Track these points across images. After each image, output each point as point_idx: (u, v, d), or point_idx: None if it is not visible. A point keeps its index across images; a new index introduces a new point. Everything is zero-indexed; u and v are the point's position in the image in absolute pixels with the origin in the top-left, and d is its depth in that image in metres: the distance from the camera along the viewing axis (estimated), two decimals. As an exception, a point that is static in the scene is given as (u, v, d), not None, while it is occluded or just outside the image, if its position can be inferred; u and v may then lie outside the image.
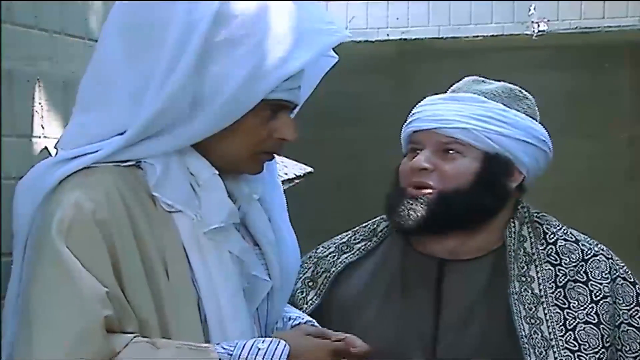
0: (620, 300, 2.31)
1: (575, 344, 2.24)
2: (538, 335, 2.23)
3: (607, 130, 6.30)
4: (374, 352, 2.15)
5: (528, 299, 2.26)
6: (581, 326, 2.25)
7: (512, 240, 2.31)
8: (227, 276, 1.94)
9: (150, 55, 1.89)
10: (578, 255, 2.32)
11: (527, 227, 2.35)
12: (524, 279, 2.28)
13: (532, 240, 2.33)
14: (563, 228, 2.38)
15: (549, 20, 6.07)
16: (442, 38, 6.32)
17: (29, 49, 2.83)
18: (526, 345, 2.21)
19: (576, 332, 2.25)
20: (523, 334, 2.22)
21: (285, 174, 3.27)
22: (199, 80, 1.88)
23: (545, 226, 2.36)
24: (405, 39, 6.36)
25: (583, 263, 2.31)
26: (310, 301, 2.37)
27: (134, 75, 1.91)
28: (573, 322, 2.26)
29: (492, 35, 6.21)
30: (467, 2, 6.21)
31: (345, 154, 6.48)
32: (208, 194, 1.94)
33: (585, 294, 2.28)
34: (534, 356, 2.20)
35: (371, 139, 6.47)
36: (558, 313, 2.26)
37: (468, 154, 2.28)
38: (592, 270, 2.31)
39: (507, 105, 2.32)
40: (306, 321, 2.19)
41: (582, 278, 2.30)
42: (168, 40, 1.87)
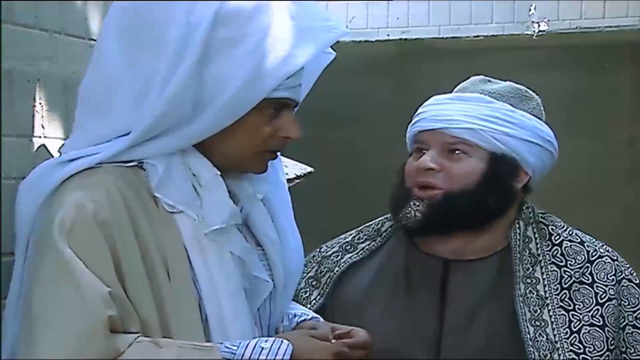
0: (625, 302, 2.30)
1: (580, 347, 2.23)
2: (543, 337, 2.22)
3: (607, 130, 6.30)
4: (377, 352, 2.15)
5: (533, 301, 2.25)
6: (586, 329, 2.25)
7: (517, 242, 2.31)
8: (228, 276, 1.94)
9: (151, 57, 1.90)
10: (583, 256, 2.32)
11: (532, 228, 2.34)
12: (529, 281, 2.27)
13: (538, 241, 2.33)
14: (568, 229, 2.38)
15: (549, 20, 6.07)
16: (443, 38, 6.32)
17: (29, 49, 2.83)
18: (531, 349, 2.20)
19: (581, 335, 2.24)
20: (528, 337, 2.21)
21: (286, 174, 3.28)
22: (200, 81, 1.88)
23: (550, 227, 2.36)
24: (405, 39, 6.36)
25: (588, 265, 2.31)
26: (314, 301, 2.36)
27: (135, 77, 1.91)
28: (578, 325, 2.25)
29: (493, 35, 6.21)
30: (468, 2, 6.21)
31: (345, 154, 6.48)
32: (209, 194, 1.94)
33: (590, 295, 2.28)
34: (539, 359, 2.19)
35: (371, 139, 6.46)
36: (563, 315, 2.25)
37: (474, 154, 2.28)
38: (598, 272, 2.30)
39: (514, 105, 2.32)
40: (312, 317, 2.19)
41: (588, 280, 2.29)
42: (169, 41, 1.87)
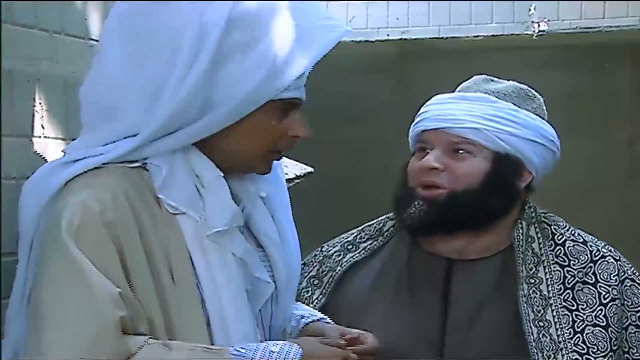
0: (628, 302, 2.30)
1: (584, 347, 2.23)
2: (546, 338, 2.22)
3: (607, 130, 6.30)
4: (380, 352, 2.15)
5: (536, 301, 2.25)
6: (590, 329, 2.25)
7: (520, 242, 2.31)
8: (230, 278, 1.94)
9: (162, 60, 1.90)
10: (587, 256, 2.32)
11: (535, 228, 2.34)
12: (532, 281, 2.27)
13: (541, 240, 2.33)
14: (570, 229, 2.38)
15: (549, 20, 6.07)
16: (443, 38, 6.32)
17: (29, 49, 2.83)
18: (534, 349, 2.20)
19: (585, 335, 2.24)
20: (531, 337, 2.21)
21: (286, 174, 3.28)
22: (212, 83, 1.89)
23: (553, 227, 2.35)
24: (405, 39, 6.36)
25: (592, 264, 2.31)
26: (316, 300, 2.36)
27: (144, 79, 1.91)
28: (581, 325, 2.25)
29: (493, 35, 6.21)
30: (467, 2, 6.21)
31: (345, 154, 6.48)
32: (212, 196, 1.94)
33: (594, 296, 2.28)
34: (542, 359, 2.19)
35: (371, 139, 6.46)
36: (567, 315, 2.25)
37: (478, 154, 2.28)
38: (601, 272, 2.30)
39: (517, 105, 2.31)
40: (319, 318, 2.19)
41: (591, 280, 2.29)
42: (183, 45, 1.88)
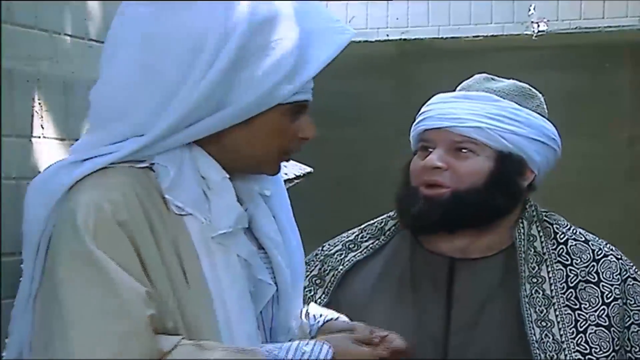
0: (631, 300, 2.30)
1: (587, 347, 2.23)
2: (549, 338, 2.22)
3: (607, 130, 6.30)
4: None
5: (539, 301, 2.25)
6: (592, 329, 2.25)
7: (522, 241, 2.31)
8: (235, 279, 1.94)
9: (179, 63, 1.90)
10: (589, 255, 2.32)
11: (537, 226, 2.34)
12: (534, 280, 2.27)
13: (543, 239, 2.33)
14: (572, 228, 2.38)
15: (548, 20, 6.07)
16: (442, 38, 6.32)
17: (29, 49, 2.83)
18: (537, 350, 2.20)
19: (587, 335, 2.24)
20: (534, 338, 2.21)
21: (285, 174, 3.27)
22: (227, 86, 1.90)
23: (555, 226, 2.35)
24: (405, 39, 6.36)
25: (594, 263, 2.31)
26: (319, 300, 2.36)
27: (158, 83, 1.92)
28: (584, 324, 2.25)
29: (492, 36, 6.22)
30: (467, 2, 6.21)
31: (345, 154, 6.48)
32: (218, 197, 1.95)
33: (596, 295, 2.28)
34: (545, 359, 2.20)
35: (371, 139, 6.47)
36: (569, 314, 2.25)
37: (481, 153, 2.28)
38: (604, 271, 2.30)
39: (519, 104, 2.32)
40: (337, 317, 2.18)
41: (594, 279, 2.29)
42: (203, 48, 1.89)
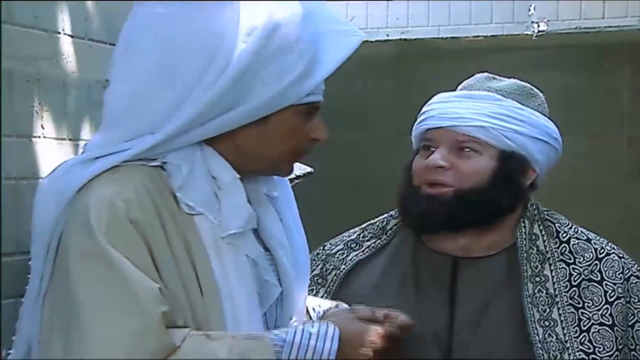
0: (635, 299, 2.30)
1: (590, 346, 2.23)
2: (552, 337, 2.22)
3: (607, 130, 6.30)
4: (391, 349, 2.18)
5: (542, 300, 2.25)
6: (596, 328, 2.25)
7: (524, 241, 2.31)
8: (244, 279, 1.96)
9: (196, 62, 1.92)
10: (591, 254, 2.32)
11: (538, 225, 2.34)
12: (537, 279, 2.27)
13: (545, 238, 2.33)
14: (573, 226, 2.38)
15: (548, 21, 6.07)
16: (442, 38, 6.32)
17: (29, 49, 2.83)
18: (540, 351, 2.21)
19: (591, 334, 2.24)
20: (537, 339, 2.21)
21: (285, 174, 3.27)
22: (243, 85, 1.92)
23: (557, 224, 2.36)
24: (405, 39, 6.36)
25: (597, 262, 2.31)
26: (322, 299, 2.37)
27: (175, 83, 1.93)
28: (587, 323, 2.25)
29: (492, 36, 6.21)
30: (467, 2, 6.21)
31: (345, 154, 6.48)
32: (228, 198, 1.96)
33: (599, 294, 2.28)
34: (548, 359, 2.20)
35: (371, 139, 6.47)
36: (572, 313, 2.25)
37: (484, 152, 2.28)
38: (607, 269, 2.30)
39: (520, 102, 2.32)
40: (337, 305, 2.21)
41: (597, 277, 2.29)
42: (221, 48, 1.90)
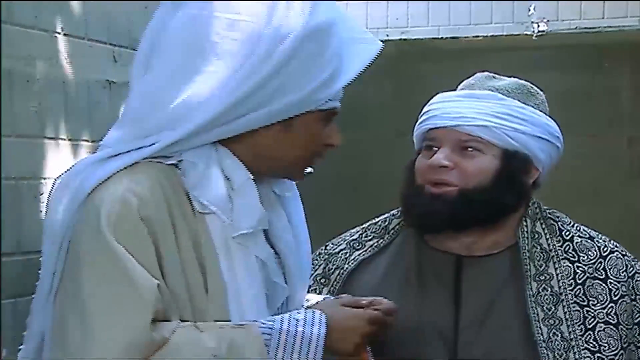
0: None
1: (596, 345, 2.23)
2: (557, 336, 2.22)
3: (607, 130, 6.30)
4: (394, 348, 2.18)
5: (547, 299, 2.25)
6: (601, 326, 2.25)
7: (526, 240, 2.31)
8: (253, 280, 1.97)
9: (230, 63, 1.94)
10: (595, 252, 2.32)
11: (541, 224, 2.34)
12: (542, 278, 2.28)
13: (548, 236, 2.33)
14: (575, 225, 2.38)
15: (548, 21, 6.07)
16: (442, 38, 6.32)
17: (29, 49, 2.83)
18: (544, 350, 2.20)
19: (596, 332, 2.24)
20: (541, 338, 2.21)
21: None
22: (272, 86, 1.94)
23: (559, 223, 2.36)
24: (404, 39, 6.36)
25: (601, 260, 2.31)
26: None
27: (202, 81, 1.95)
28: (593, 321, 2.25)
29: (492, 36, 6.21)
30: (467, 2, 6.21)
31: (345, 154, 6.44)
32: (241, 198, 1.97)
33: (604, 292, 2.28)
34: (553, 358, 2.20)
35: (370, 139, 6.47)
36: (578, 311, 2.25)
37: (487, 151, 2.28)
38: (611, 267, 2.30)
39: (522, 101, 2.32)
40: (324, 299, 2.22)
41: (601, 275, 2.29)
42: (256, 49, 1.93)
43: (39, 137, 2.89)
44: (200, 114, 1.93)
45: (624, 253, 2.35)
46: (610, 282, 2.29)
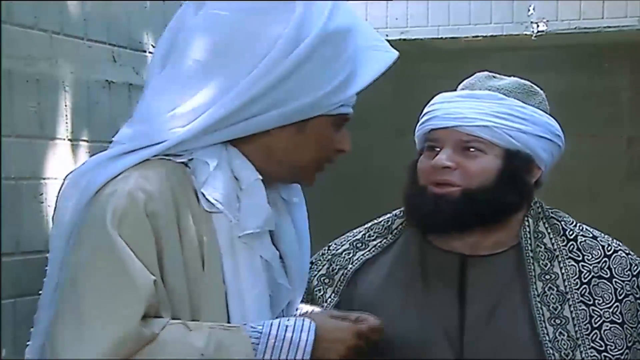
0: None
1: (602, 344, 2.24)
2: (564, 336, 2.23)
3: (607, 130, 6.31)
4: (399, 348, 2.19)
5: (553, 298, 2.26)
6: (607, 325, 2.25)
7: (528, 240, 2.32)
8: (256, 280, 1.98)
9: (246, 62, 1.96)
10: (599, 251, 2.32)
11: (544, 223, 2.35)
12: (547, 277, 2.28)
13: (552, 236, 2.33)
14: (578, 224, 2.38)
15: (548, 21, 6.07)
16: (441, 38, 6.32)
17: (28, 49, 2.84)
18: (550, 350, 2.21)
19: (602, 332, 2.25)
20: (547, 338, 2.22)
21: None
22: (286, 87, 1.96)
23: (562, 222, 2.37)
24: (404, 39, 6.36)
25: (606, 259, 2.32)
26: (329, 299, 2.36)
27: (217, 79, 1.96)
28: (599, 320, 2.26)
29: (492, 36, 6.21)
30: (466, 2, 6.21)
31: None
32: (249, 198, 1.98)
33: (610, 291, 2.28)
34: (560, 359, 2.20)
35: (370, 139, 6.47)
36: (584, 310, 2.26)
37: (489, 151, 2.28)
38: (616, 266, 2.31)
39: (522, 101, 2.33)
40: (313, 309, 2.22)
41: (606, 274, 2.30)
42: (273, 49, 1.95)
43: (39, 137, 2.89)
44: (211, 112, 1.94)
45: (628, 252, 2.35)
46: (615, 281, 2.29)
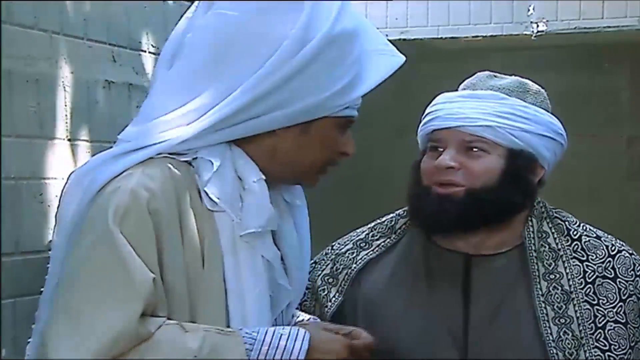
0: None
1: (606, 344, 2.25)
2: (568, 335, 2.23)
3: (607, 130, 6.30)
4: (403, 348, 2.20)
5: (557, 297, 2.27)
6: (611, 325, 2.26)
7: (532, 240, 2.32)
8: (257, 280, 1.99)
9: (248, 62, 1.96)
10: (603, 251, 2.33)
11: (547, 223, 2.35)
12: (552, 276, 2.29)
13: (556, 235, 2.34)
14: (581, 224, 2.40)
15: (548, 21, 6.07)
16: (441, 38, 6.31)
17: (28, 49, 2.84)
18: (554, 350, 2.21)
19: (606, 331, 2.26)
20: (550, 338, 2.23)
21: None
22: (290, 87, 1.96)
23: (566, 222, 2.37)
24: (404, 39, 6.35)
25: (610, 259, 2.33)
26: (333, 298, 2.37)
27: (223, 78, 1.97)
28: (603, 320, 2.27)
29: (491, 36, 6.21)
30: (466, 2, 6.20)
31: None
32: (251, 197, 1.99)
33: (614, 291, 2.29)
34: (564, 359, 2.21)
35: (370, 139, 6.46)
36: (588, 310, 2.27)
37: (493, 151, 2.29)
38: (620, 266, 2.32)
39: (524, 100, 2.33)
40: (309, 319, 2.23)
41: (610, 274, 2.31)
42: (279, 49, 1.95)
43: (39, 137, 2.89)
44: (216, 111, 1.95)
45: (631, 252, 2.37)
46: (619, 281, 2.30)
